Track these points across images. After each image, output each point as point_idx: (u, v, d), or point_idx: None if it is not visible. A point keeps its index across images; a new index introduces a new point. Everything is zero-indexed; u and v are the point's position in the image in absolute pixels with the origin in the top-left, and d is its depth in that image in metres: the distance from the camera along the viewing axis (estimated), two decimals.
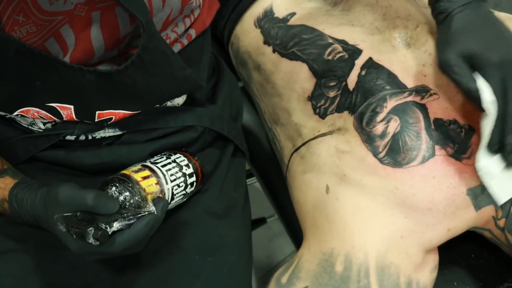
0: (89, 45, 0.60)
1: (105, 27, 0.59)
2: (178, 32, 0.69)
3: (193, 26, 0.73)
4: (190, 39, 0.72)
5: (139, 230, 0.57)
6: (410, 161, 0.66)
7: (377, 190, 0.66)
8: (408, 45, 0.75)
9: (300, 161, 0.75)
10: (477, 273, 0.75)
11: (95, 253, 0.57)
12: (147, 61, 0.60)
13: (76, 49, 0.59)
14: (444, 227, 0.66)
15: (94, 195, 0.56)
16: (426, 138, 0.66)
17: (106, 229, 0.54)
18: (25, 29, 0.54)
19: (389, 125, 0.67)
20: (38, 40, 0.57)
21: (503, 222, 0.66)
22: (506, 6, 1.39)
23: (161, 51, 0.61)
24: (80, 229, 0.54)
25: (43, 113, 0.63)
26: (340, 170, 0.68)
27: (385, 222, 0.65)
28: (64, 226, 0.55)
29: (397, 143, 0.67)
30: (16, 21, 0.53)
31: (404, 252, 0.64)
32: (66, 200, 0.56)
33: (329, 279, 0.63)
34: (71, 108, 0.63)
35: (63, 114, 0.64)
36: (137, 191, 0.61)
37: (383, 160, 0.67)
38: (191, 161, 0.73)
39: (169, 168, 0.68)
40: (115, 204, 0.57)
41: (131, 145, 0.72)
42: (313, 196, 0.70)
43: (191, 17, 0.71)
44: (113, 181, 0.61)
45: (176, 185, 0.68)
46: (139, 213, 0.58)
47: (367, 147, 0.68)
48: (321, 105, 0.74)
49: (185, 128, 0.77)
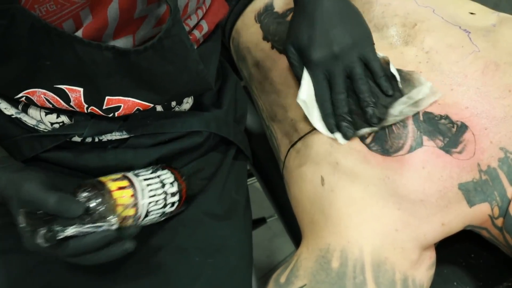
0: (104, 20, 0.59)
1: (123, 3, 0.58)
2: (190, 24, 0.69)
3: (204, 18, 0.72)
4: (201, 31, 0.72)
5: (92, 242, 0.55)
6: (397, 149, 0.66)
7: (370, 180, 0.66)
8: (405, 43, 0.75)
9: (296, 155, 0.75)
10: (477, 272, 0.74)
11: (46, 253, 0.55)
12: (167, 46, 0.59)
13: (90, 24, 0.58)
14: (438, 220, 0.66)
15: (57, 199, 0.53)
16: (413, 128, 0.66)
17: (57, 232, 0.53)
18: (45, 8, 0.53)
19: None
20: (56, 20, 0.55)
21: (500, 222, 0.66)
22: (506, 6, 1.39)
23: (181, 40, 0.60)
24: (32, 228, 0.53)
25: (50, 95, 0.62)
26: (333, 158, 0.68)
27: (379, 214, 0.64)
28: (24, 221, 0.54)
29: (383, 130, 0.67)
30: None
31: (399, 247, 0.64)
32: (28, 201, 0.54)
33: (326, 276, 0.63)
34: (80, 91, 0.62)
35: (71, 97, 0.62)
36: (106, 201, 0.58)
37: (371, 146, 0.67)
38: (178, 180, 0.70)
39: (150, 183, 0.65)
40: (79, 209, 0.54)
41: (137, 149, 0.72)
42: (309, 191, 0.70)
43: (203, 7, 0.71)
44: (86, 186, 0.59)
45: (153, 202, 0.65)
46: (99, 224, 0.55)
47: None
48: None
49: (191, 133, 0.77)
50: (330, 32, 0.69)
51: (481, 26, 0.76)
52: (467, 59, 0.71)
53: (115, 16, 0.59)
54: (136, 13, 0.60)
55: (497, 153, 0.66)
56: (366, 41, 0.70)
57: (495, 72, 0.69)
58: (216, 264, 0.73)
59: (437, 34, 0.74)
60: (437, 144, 0.66)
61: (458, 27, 0.75)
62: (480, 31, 0.75)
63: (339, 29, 0.69)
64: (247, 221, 0.82)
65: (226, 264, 0.73)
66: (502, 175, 0.66)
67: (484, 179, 0.66)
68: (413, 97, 0.67)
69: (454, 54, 0.71)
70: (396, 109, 0.67)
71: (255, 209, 0.89)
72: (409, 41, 0.75)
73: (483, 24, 0.77)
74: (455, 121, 0.67)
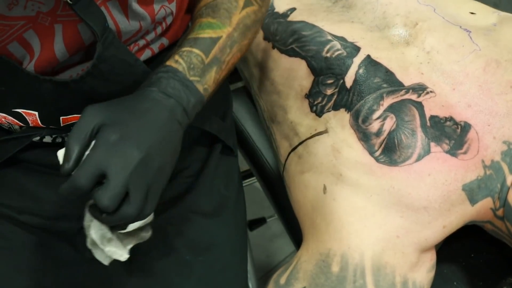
0: (52, 54, 0.59)
1: (68, 40, 0.59)
2: (148, 39, 0.68)
3: (166, 35, 0.71)
4: (163, 48, 0.71)
5: None
6: (405, 159, 0.65)
7: (373, 190, 0.65)
8: (407, 42, 0.75)
9: (298, 161, 0.75)
10: (477, 272, 0.74)
11: None
12: (105, 70, 0.59)
13: (40, 58, 0.59)
14: (440, 224, 0.66)
15: None
16: (421, 136, 0.66)
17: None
18: None
19: (385, 123, 0.67)
20: (1, 42, 0.56)
21: (501, 212, 0.66)
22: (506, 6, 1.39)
23: (120, 59, 0.60)
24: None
25: (9, 118, 0.63)
26: (337, 170, 0.68)
27: (381, 222, 0.64)
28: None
29: (392, 141, 0.66)
30: None
31: (400, 252, 0.64)
32: None
33: (326, 279, 0.63)
34: (36, 114, 0.62)
35: (28, 120, 0.63)
36: None
37: (379, 159, 0.66)
38: None
39: None
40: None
41: None
42: (311, 196, 0.70)
43: (163, 24, 0.69)
44: None
45: None
46: None
47: (363, 145, 0.67)
48: (318, 103, 0.74)
49: None
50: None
51: (481, 25, 0.76)
52: (468, 58, 0.71)
53: (62, 55, 0.59)
54: (86, 44, 0.60)
55: (500, 147, 0.66)
56: None
57: (496, 69, 0.69)
58: (207, 262, 0.72)
59: (438, 34, 0.74)
60: (444, 148, 0.66)
61: (459, 26, 0.75)
62: (481, 30, 0.75)
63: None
64: (239, 216, 0.82)
65: (217, 261, 0.73)
66: (504, 166, 0.66)
67: (488, 174, 0.66)
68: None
69: (455, 54, 0.71)
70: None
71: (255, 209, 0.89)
72: (410, 41, 0.75)
73: (484, 23, 0.77)
74: (459, 122, 0.67)
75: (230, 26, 0.64)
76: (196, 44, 0.61)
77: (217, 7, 0.65)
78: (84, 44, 0.60)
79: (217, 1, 0.65)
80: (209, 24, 0.63)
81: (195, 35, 0.62)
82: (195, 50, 0.60)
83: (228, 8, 0.65)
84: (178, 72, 0.58)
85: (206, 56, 0.61)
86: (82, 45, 0.60)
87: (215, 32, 0.63)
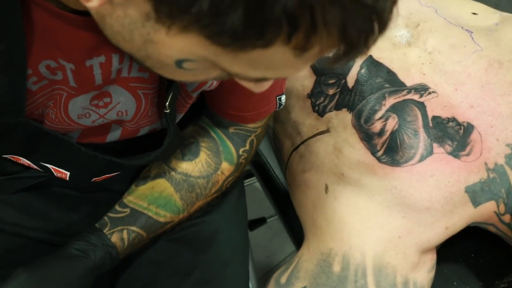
0: (102, 139, 0.61)
1: (124, 135, 0.62)
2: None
3: None
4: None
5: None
6: (408, 159, 0.65)
7: (376, 190, 0.65)
8: (408, 43, 0.75)
9: (300, 160, 0.75)
10: (477, 272, 0.75)
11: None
12: (160, 153, 0.62)
13: (88, 137, 0.60)
14: (442, 225, 0.66)
15: None
16: (424, 136, 0.66)
17: None
18: (47, 111, 0.54)
19: (387, 123, 0.67)
20: (53, 124, 0.56)
21: (508, 218, 0.66)
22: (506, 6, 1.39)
23: (173, 143, 0.62)
24: None
25: (33, 166, 0.62)
26: (338, 170, 0.68)
27: (383, 222, 0.64)
28: None
29: (395, 141, 0.66)
30: (44, 103, 0.53)
31: (401, 252, 0.64)
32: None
33: (327, 279, 0.63)
34: (67, 174, 0.62)
35: (56, 174, 0.63)
36: None
37: (381, 159, 0.66)
38: None
39: None
40: None
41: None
42: (313, 196, 0.70)
43: None
44: None
45: None
46: None
47: (365, 145, 0.67)
48: (320, 103, 0.74)
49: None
50: None
51: (483, 25, 0.76)
52: (470, 58, 0.71)
53: (114, 138, 0.62)
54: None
55: (503, 150, 0.66)
56: None
57: (498, 69, 0.70)
58: (208, 259, 0.72)
59: (439, 35, 0.74)
60: (446, 149, 0.66)
61: (461, 27, 0.75)
62: (483, 31, 0.75)
63: None
64: (240, 215, 0.81)
65: (218, 258, 0.73)
66: (509, 171, 0.66)
67: (492, 177, 0.66)
68: None
69: (457, 54, 0.71)
70: None
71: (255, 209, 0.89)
72: (412, 41, 0.75)
73: (486, 23, 0.77)
74: (462, 122, 0.67)
75: (187, 212, 0.68)
76: (145, 226, 0.65)
77: (193, 187, 0.68)
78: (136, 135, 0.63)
79: (194, 180, 0.68)
80: (173, 204, 0.67)
81: (154, 211, 0.65)
82: (142, 233, 0.65)
83: (199, 194, 0.68)
84: (115, 253, 0.62)
85: (148, 234, 0.66)
86: (134, 136, 0.63)
87: (171, 216, 0.67)
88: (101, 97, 0.54)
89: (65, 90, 0.52)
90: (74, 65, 0.49)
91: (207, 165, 0.68)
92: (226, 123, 0.69)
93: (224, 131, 0.69)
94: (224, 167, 0.69)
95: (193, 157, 0.68)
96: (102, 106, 0.55)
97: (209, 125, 0.70)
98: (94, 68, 0.50)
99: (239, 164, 0.71)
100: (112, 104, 0.55)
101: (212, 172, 0.68)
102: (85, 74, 0.50)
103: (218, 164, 0.69)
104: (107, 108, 0.55)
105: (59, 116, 0.54)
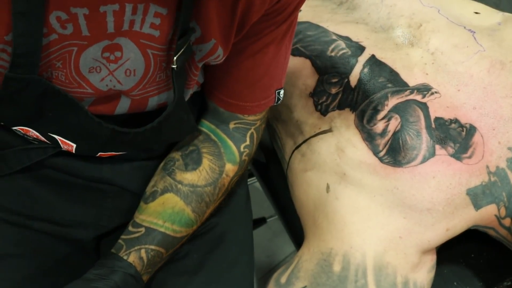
0: (112, 110, 0.61)
1: (133, 107, 0.61)
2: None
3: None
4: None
5: None
6: (410, 160, 0.65)
7: (377, 190, 0.65)
8: (411, 43, 0.75)
9: (301, 159, 0.75)
10: (477, 272, 0.74)
11: None
12: (165, 126, 0.61)
13: (98, 106, 0.60)
14: (443, 227, 0.66)
15: None
16: (426, 137, 0.66)
17: None
18: (56, 73, 0.54)
19: (389, 123, 0.67)
20: (62, 87, 0.56)
21: (508, 222, 0.66)
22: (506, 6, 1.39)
23: (180, 117, 0.63)
24: None
25: (41, 138, 0.63)
26: (340, 169, 0.68)
27: (384, 222, 0.64)
28: None
29: (397, 142, 0.66)
30: (53, 65, 0.54)
31: (402, 252, 0.64)
32: None
33: (327, 278, 0.63)
34: (73, 146, 0.63)
35: (62, 146, 0.63)
36: None
37: (383, 159, 0.66)
38: None
39: None
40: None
41: (133, 162, 0.71)
42: (314, 195, 0.70)
43: None
44: None
45: None
46: None
47: (367, 146, 0.67)
48: (322, 102, 0.74)
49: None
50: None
51: (486, 25, 0.76)
52: (473, 59, 0.71)
53: (123, 110, 0.62)
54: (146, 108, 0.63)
55: (505, 153, 0.66)
56: None
57: (501, 71, 0.69)
58: (216, 258, 0.72)
59: (442, 35, 0.74)
60: (449, 151, 0.66)
61: (463, 27, 0.75)
62: (485, 31, 0.75)
63: None
64: (247, 216, 0.82)
65: (225, 259, 0.73)
66: (510, 175, 0.66)
67: (493, 180, 0.66)
68: None
69: (459, 55, 0.71)
70: None
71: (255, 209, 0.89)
72: (415, 42, 0.75)
73: (488, 23, 0.77)
74: (464, 124, 0.67)
75: (200, 222, 0.68)
76: (164, 243, 0.65)
77: (202, 197, 0.68)
78: (145, 107, 0.62)
79: (201, 189, 0.68)
80: (187, 218, 0.66)
81: (170, 228, 0.65)
82: (161, 250, 0.64)
83: (208, 202, 0.68)
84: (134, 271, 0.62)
85: (167, 251, 0.66)
86: (143, 110, 0.63)
87: (186, 230, 0.67)
88: (113, 50, 0.54)
89: (76, 45, 0.52)
90: (88, 9, 0.49)
91: (211, 171, 0.68)
92: (226, 118, 0.69)
93: (224, 129, 0.69)
94: (228, 169, 0.69)
95: (196, 165, 0.68)
96: (113, 60, 0.55)
97: (209, 128, 0.70)
98: (108, 15, 0.50)
99: (242, 162, 0.71)
100: (122, 59, 0.55)
101: (217, 177, 0.68)
102: (98, 19, 0.50)
103: (221, 167, 0.69)
104: (117, 64, 0.55)
105: (69, 76, 0.54)
